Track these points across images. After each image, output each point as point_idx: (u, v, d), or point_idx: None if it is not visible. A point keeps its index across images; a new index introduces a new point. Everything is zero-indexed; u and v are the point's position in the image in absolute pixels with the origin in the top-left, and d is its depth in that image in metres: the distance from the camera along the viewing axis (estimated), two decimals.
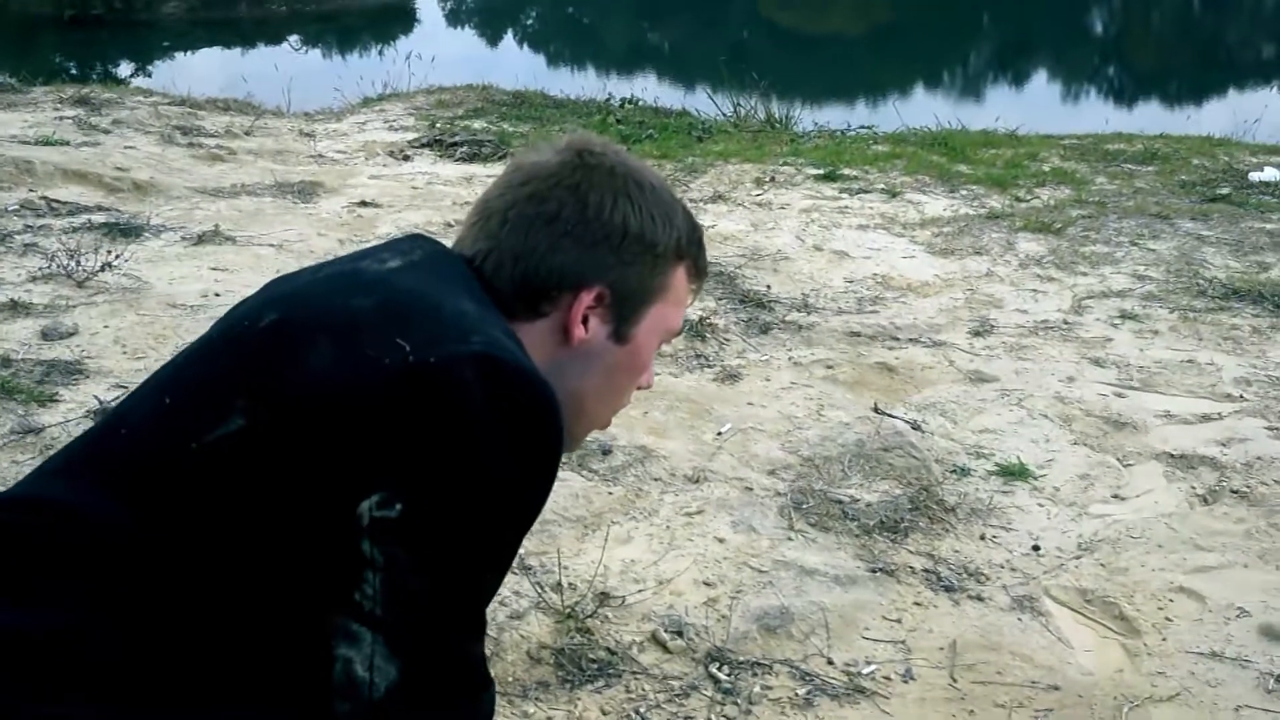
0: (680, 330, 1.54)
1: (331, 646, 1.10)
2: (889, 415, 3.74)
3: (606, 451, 3.35)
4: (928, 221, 6.15)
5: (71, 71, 15.00)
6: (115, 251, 4.57)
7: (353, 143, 7.64)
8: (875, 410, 3.78)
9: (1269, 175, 7.38)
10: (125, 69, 16.01)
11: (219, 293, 4.40)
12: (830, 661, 2.56)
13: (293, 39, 20.03)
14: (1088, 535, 3.14)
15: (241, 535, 1.11)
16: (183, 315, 4.14)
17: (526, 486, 1.18)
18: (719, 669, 2.47)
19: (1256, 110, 10.30)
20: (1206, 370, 4.23)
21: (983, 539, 3.11)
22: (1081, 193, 6.89)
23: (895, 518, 3.15)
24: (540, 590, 2.69)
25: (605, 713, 2.35)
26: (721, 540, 2.98)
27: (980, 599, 2.83)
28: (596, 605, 2.65)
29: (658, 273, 1.36)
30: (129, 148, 6.70)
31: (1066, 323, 4.69)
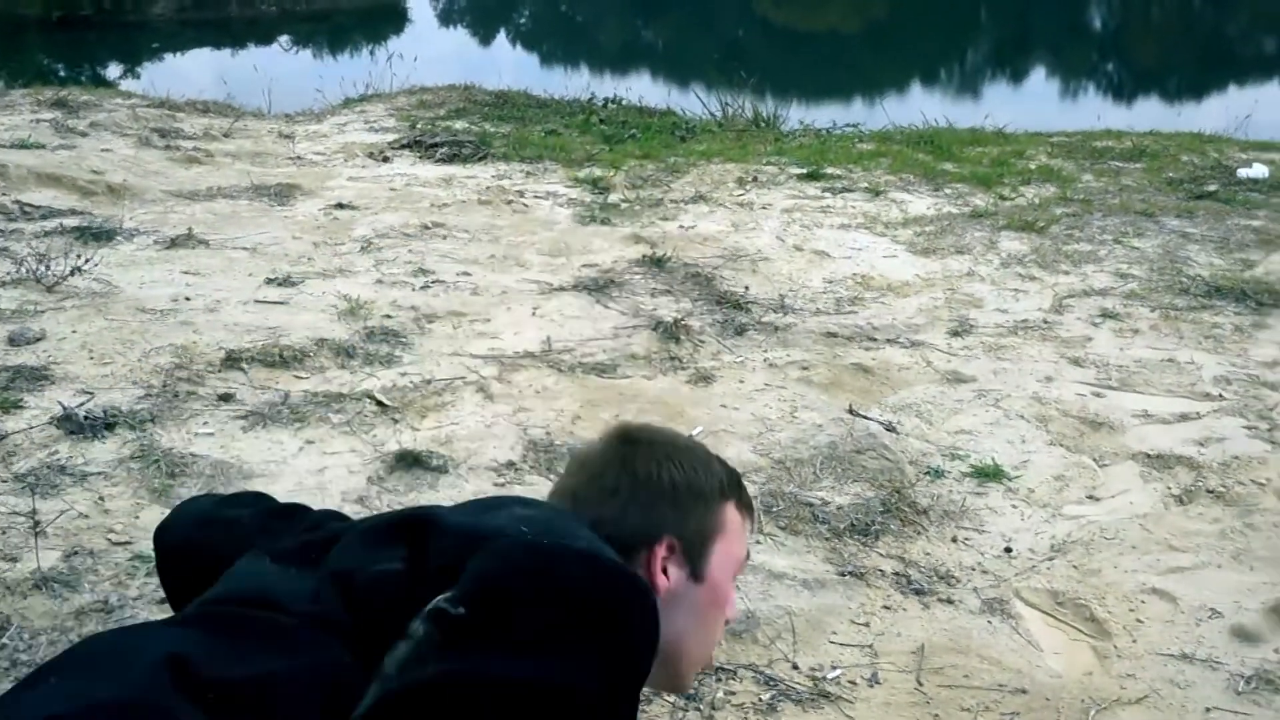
0: (748, 557, 1.74)
1: None
2: (863, 417, 3.71)
3: None
4: (910, 221, 6.11)
5: (59, 73, 14.92)
6: (86, 256, 4.53)
7: (332, 144, 7.58)
8: (850, 412, 3.74)
9: (1257, 172, 7.35)
10: (114, 70, 15.91)
11: (189, 296, 4.36)
12: (795, 666, 2.52)
13: (283, 39, 19.96)
14: (1061, 537, 3.11)
15: None
16: (152, 320, 4.10)
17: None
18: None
19: (1253, 106, 10.26)
20: (1186, 369, 4.19)
21: (955, 541, 3.07)
22: (1067, 190, 6.86)
23: (866, 520, 3.11)
24: None
25: None
26: None
27: (950, 602, 2.79)
28: None
29: (711, 513, 1.58)
30: (105, 150, 6.65)
31: (1046, 322, 4.65)
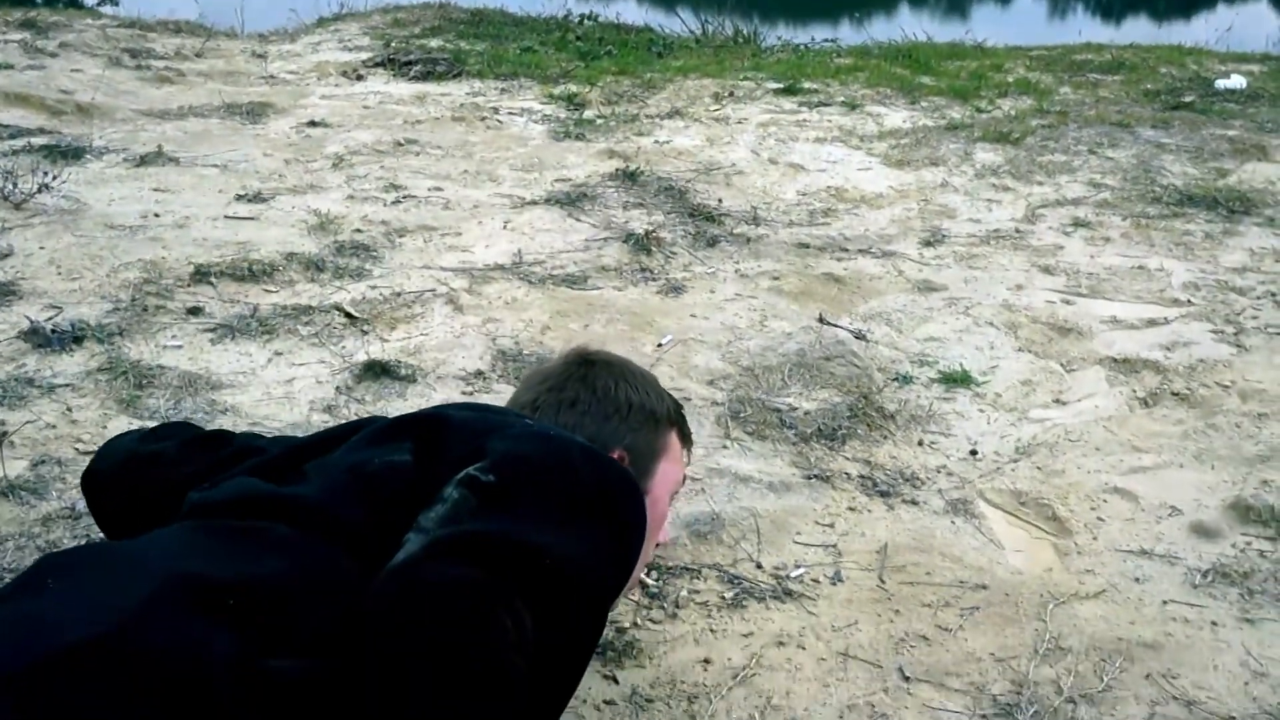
0: (684, 481, 1.90)
1: None
2: (833, 325, 3.72)
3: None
4: (886, 134, 6.09)
5: None
6: (54, 173, 4.48)
7: (305, 63, 7.49)
8: (820, 320, 3.75)
9: (1235, 83, 7.33)
10: None
11: (159, 213, 4.33)
12: (759, 565, 2.55)
13: None
14: (1026, 439, 3.14)
15: None
16: (120, 236, 4.07)
17: None
18: (646, 574, 2.46)
19: (1234, 19, 10.17)
20: (1156, 276, 4.21)
21: (921, 445, 3.10)
22: (1043, 103, 6.83)
23: (833, 425, 3.13)
24: None
25: None
26: None
27: (914, 503, 2.82)
28: None
29: (659, 434, 1.74)
30: (75, 71, 6.56)
31: (1019, 231, 4.66)
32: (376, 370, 3.21)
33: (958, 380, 3.43)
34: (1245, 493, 2.83)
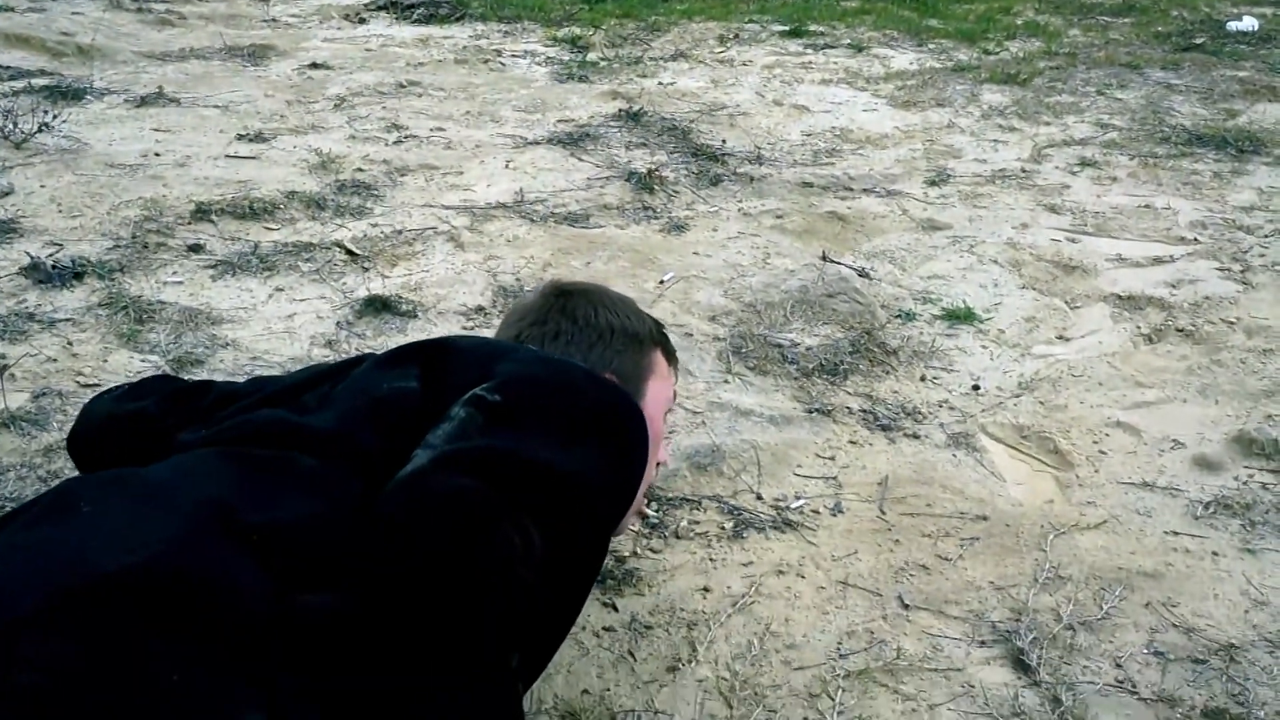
0: (675, 398, 1.91)
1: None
2: (836, 263, 3.70)
3: None
4: (892, 75, 6.03)
5: None
6: (55, 113, 4.47)
7: (307, 6, 7.43)
8: (823, 258, 3.73)
9: (1247, 24, 7.25)
10: None
11: (159, 152, 4.31)
12: (759, 497, 2.55)
13: None
14: (1029, 375, 3.12)
15: None
16: (121, 174, 4.06)
17: None
18: (647, 505, 2.46)
19: None
20: (1163, 214, 4.18)
21: (923, 380, 3.09)
22: (1052, 45, 6.76)
23: (835, 360, 3.12)
24: None
25: None
26: None
27: (916, 437, 2.81)
28: None
29: (644, 354, 1.76)
30: (76, 13, 6.52)
31: (1025, 171, 4.62)
32: (377, 305, 3.20)
33: (961, 317, 3.41)
34: (1249, 426, 2.82)
